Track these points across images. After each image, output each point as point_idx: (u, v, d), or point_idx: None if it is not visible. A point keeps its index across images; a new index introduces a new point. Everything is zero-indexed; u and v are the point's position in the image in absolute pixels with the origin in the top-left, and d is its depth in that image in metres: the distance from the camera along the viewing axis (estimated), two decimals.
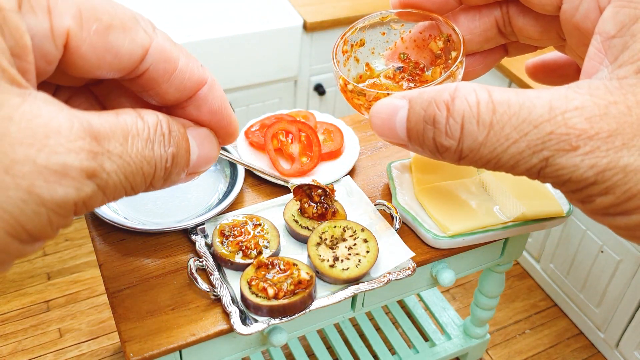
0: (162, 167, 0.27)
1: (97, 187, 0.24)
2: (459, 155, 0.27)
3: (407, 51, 0.39)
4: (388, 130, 0.29)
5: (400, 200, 0.99)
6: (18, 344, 1.54)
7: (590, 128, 0.24)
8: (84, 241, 1.84)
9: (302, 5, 1.84)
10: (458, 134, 0.26)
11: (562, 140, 0.24)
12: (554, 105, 0.25)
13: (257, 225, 0.91)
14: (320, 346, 1.41)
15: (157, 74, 0.29)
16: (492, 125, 0.25)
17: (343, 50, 0.39)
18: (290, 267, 0.84)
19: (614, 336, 1.52)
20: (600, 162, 0.24)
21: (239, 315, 0.81)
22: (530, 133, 0.25)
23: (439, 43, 0.38)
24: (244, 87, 1.81)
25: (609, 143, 0.24)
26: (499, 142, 0.25)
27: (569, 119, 0.24)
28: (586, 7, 0.29)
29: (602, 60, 0.27)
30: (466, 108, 0.26)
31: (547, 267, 1.71)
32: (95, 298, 1.68)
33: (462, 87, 0.26)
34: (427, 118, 0.27)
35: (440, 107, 0.26)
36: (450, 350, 1.43)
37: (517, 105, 0.25)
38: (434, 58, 0.39)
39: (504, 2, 0.35)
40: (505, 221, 0.96)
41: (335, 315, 0.96)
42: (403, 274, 0.88)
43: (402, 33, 0.39)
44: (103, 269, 0.89)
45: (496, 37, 0.36)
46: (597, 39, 0.27)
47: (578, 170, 0.24)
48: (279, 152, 1.05)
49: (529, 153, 0.25)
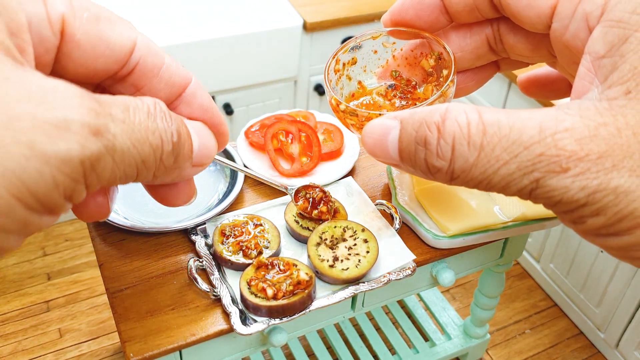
0: (169, 141, 0.26)
1: (105, 148, 0.23)
2: (451, 176, 0.27)
3: (398, 68, 0.40)
4: (380, 150, 0.29)
5: (400, 200, 0.99)
6: (18, 344, 1.54)
7: (580, 149, 0.24)
8: (84, 241, 1.84)
9: (302, 5, 1.84)
10: (449, 155, 0.26)
11: (553, 162, 0.24)
12: (544, 126, 0.25)
13: (258, 225, 0.91)
14: (320, 346, 1.41)
15: (147, 68, 0.28)
16: (482, 146, 0.25)
17: (335, 69, 0.39)
18: (289, 268, 0.84)
19: (614, 336, 1.52)
20: (591, 184, 0.24)
21: (239, 315, 0.81)
22: (520, 154, 0.25)
23: (430, 61, 0.38)
24: (244, 87, 1.81)
25: (599, 165, 0.24)
26: (489, 163, 0.25)
27: (559, 140, 0.24)
28: (575, 27, 0.29)
29: (592, 79, 0.27)
30: (457, 129, 0.26)
31: (547, 267, 1.71)
32: (95, 298, 1.68)
33: (453, 108, 0.26)
34: (419, 139, 0.27)
35: (432, 129, 0.26)
36: (450, 350, 1.44)
37: (508, 126, 0.25)
38: (426, 75, 0.39)
39: (494, 20, 0.35)
40: (505, 221, 0.96)
41: (335, 316, 0.96)
42: (403, 274, 0.88)
43: (393, 51, 0.39)
44: (103, 269, 0.89)
45: (487, 54, 0.37)
46: (586, 58, 0.27)
47: (569, 192, 0.24)
48: (279, 152, 1.05)
49: (520, 174, 0.25)
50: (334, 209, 0.93)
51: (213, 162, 1.08)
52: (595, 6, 0.27)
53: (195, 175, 0.31)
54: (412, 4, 0.35)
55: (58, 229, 1.86)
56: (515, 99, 1.68)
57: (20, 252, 1.79)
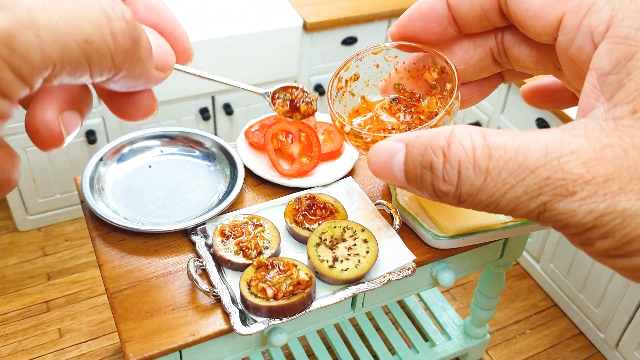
0: (119, 17, 0.23)
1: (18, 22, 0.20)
2: (458, 199, 0.27)
3: (401, 81, 0.39)
4: (386, 172, 0.29)
5: (400, 201, 0.99)
6: (18, 344, 1.54)
7: (586, 172, 0.24)
8: (84, 241, 1.84)
9: (302, 6, 1.84)
10: (455, 180, 0.26)
11: (559, 186, 0.24)
12: (550, 149, 0.25)
13: (258, 225, 0.91)
14: (320, 346, 1.41)
15: None
16: (488, 170, 0.25)
17: (338, 87, 0.39)
18: (289, 268, 0.84)
19: (614, 336, 1.52)
20: (598, 207, 0.24)
21: (238, 315, 0.81)
22: (527, 178, 0.25)
23: (433, 74, 0.38)
24: None
25: (606, 187, 0.24)
26: (496, 187, 0.25)
27: (565, 163, 0.24)
28: (581, 41, 0.28)
29: (598, 96, 0.27)
30: (462, 153, 0.26)
31: (547, 267, 1.71)
32: (95, 298, 1.68)
33: (458, 131, 0.26)
34: (425, 163, 0.27)
35: (437, 153, 0.26)
36: (450, 350, 1.44)
37: (513, 149, 0.25)
38: (429, 88, 0.39)
39: (499, 31, 0.35)
40: (505, 221, 0.96)
41: (335, 316, 0.96)
42: (403, 274, 0.88)
43: (395, 64, 0.39)
44: (103, 269, 0.89)
45: (491, 66, 0.36)
46: (592, 74, 0.27)
47: (576, 215, 0.24)
48: (279, 153, 1.05)
49: (527, 198, 0.25)
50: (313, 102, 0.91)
51: (212, 159, 1.08)
52: (601, 21, 0.27)
53: (158, 84, 0.28)
54: (420, 17, 0.35)
55: (58, 229, 1.87)
56: (515, 99, 1.68)
57: (20, 252, 1.79)
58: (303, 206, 0.94)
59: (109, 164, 1.05)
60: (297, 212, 0.94)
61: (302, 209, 0.94)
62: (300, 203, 0.94)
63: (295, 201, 0.95)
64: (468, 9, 0.33)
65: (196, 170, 1.07)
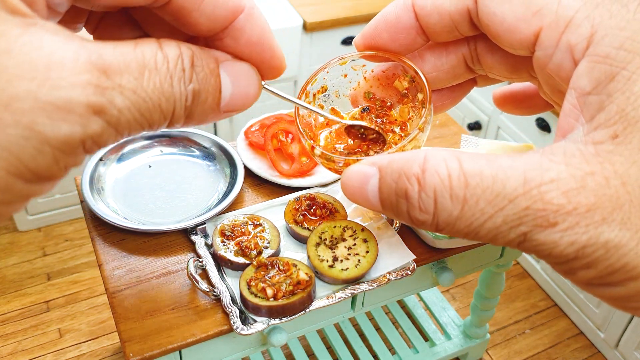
0: (182, 106, 0.25)
1: (107, 124, 0.22)
2: (436, 227, 0.26)
3: (371, 90, 0.38)
4: (361, 198, 0.28)
5: None
6: (18, 344, 1.54)
7: (567, 203, 0.23)
8: (84, 241, 1.84)
9: (302, 5, 1.84)
10: (432, 209, 0.25)
11: (540, 217, 0.23)
12: (528, 177, 0.24)
13: (258, 225, 0.91)
14: (320, 346, 1.41)
15: (185, 1, 0.27)
16: (465, 199, 0.24)
17: (307, 102, 0.38)
18: (289, 268, 0.84)
19: (614, 336, 1.52)
20: (580, 239, 0.23)
21: (238, 315, 0.81)
22: (505, 208, 0.24)
23: (403, 83, 0.37)
24: None
25: (588, 218, 0.23)
26: (474, 216, 0.24)
27: (545, 192, 0.23)
28: (560, 58, 0.27)
29: (577, 117, 0.26)
30: (437, 182, 0.25)
31: (547, 267, 1.71)
32: (95, 298, 1.68)
33: (431, 157, 0.25)
34: (399, 191, 0.26)
35: (412, 181, 0.25)
36: (450, 350, 1.43)
37: (490, 177, 0.24)
38: (400, 96, 0.37)
39: (471, 39, 0.34)
40: None
41: (335, 315, 0.96)
42: (403, 274, 0.88)
43: (364, 73, 0.38)
44: (103, 269, 0.89)
45: (464, 73, 0.35)
46: (571, 94, 0.26)
47: (558, 247, 0.24)
48: (278, 152, 1.05)
49: (506, 228, 0.24)
50: None
51: (212, 158, 1.08)
52: (580, 38, 0.26)
53: (228, 118, 0.30)
54: (387, 27, 0.34)
55: (58, 229, 1.86)
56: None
57: (20, 253, 1.79)
58: (303, 206, 0.94)
59: (109, 164, 1.05)
60: (297, 211, 0.94)
61: (302, 209, 0.94)
62: (300, 203, 0.94)
63: (295, 201, 0.95)
64: (437, 19, 0.32)
65: (196, 170, 1.07)
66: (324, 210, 0.94)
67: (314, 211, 0.93)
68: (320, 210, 0.94)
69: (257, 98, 0.30)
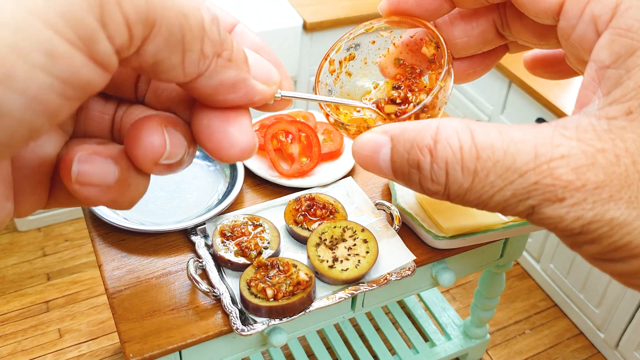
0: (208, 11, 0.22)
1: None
2: (447, 198, 0.26)
3: (401, 56, 0.38)
4: (372, 166, 0.28)
5: (400, 201, 0.99)
6: (18, 345, 1.54)
7: (576, 179, 0.23)
8: (84, 241, 1.84)
9: (302, 5, 1.84)
10: (443, 180, 0.25)
11: (548, 191, 0.24)
12: (539, 152, 0.24)
13: (258, 225, 0.91)
14: (320, 346, 1.41)
15: None
16: (476, 172, 0.25)
17: (330, 70, 0.37)
18: (289, 268, 0.84)
19: (614, 336, 1.52)
20: (586, 215, 0.24)
21: (238, 315, 0.80)
22: (515, 182, 0.24)
23: (430, 49, 0.36)
24: None
25: (595, 195, 0.23)
26: (484, 189, 0.25)
27: (554, 168, 0.24)
28: (583, 28, 0.27)
29: (595, 89, 0.26)
30: (449, 154, 0.25)
31: (547, 267, 1.71)
32: (94, 298, 1.68)
33: (444, 128, 0.25)
34: (411, 162, 0.26)
35: (424, 152, 0.26)
36: (450, 350, 1.43)
37: (502, 151, 0.24)
38: (428, 63, 0.37)
39: (501, 5, 0.34)
40: (505, 221, 0.96)
41: (335, 316, 0.96)
42: (403, 275, 0.88)
43: (392, 39, 0.38)
44: (103, 269, 0.89)
45: (495, 39, 0.35)
46: (591, 66, 0.26)
47: (563, 221, 0.24)
48: (278, 153, 1.05)
49: (515, 201, 0.24)
50: None
51: (212, 159, 1.07)
52: (604, 9, 0.26)
53: (264, 100, 0.27)
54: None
55: (58, 229, 1.86)
56: (515, 99, 1.68)
57: (20, 252, 1.79)
58: (303, 206, 0.94)
59: None
60: (297, 212, 0.94)
61: (302, 209, 0.94)
62: (300, 203, 0.94)
63: (295, 201, 0.95)
64: None
65: (196, 170, 1.07)
66: (324, 210, 0.94)
67: (314, 211, 0.93)
68: (320, 210, 0.94)
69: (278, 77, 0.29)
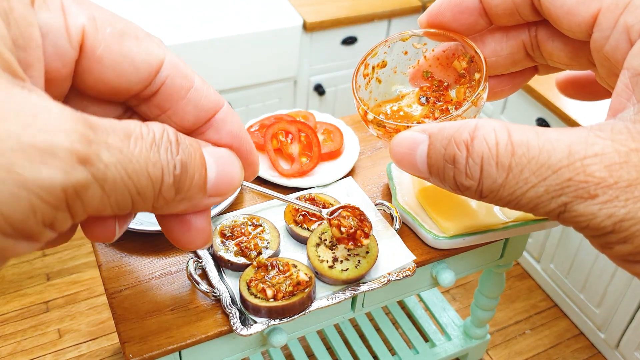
0: (170, 173, 0.25)
1: (93, 177, 0.21)
2: (480, 194, 0.27)
3: (430, 69, 0.39)
4: (408, 163, 0.29)
5: (400, 201, 0.99)
6: (17, 345, 1.54)
7: (609, 176, 0.24)
8: (84, 242, 1.84)
9: (302, 5, 1.84)
10: (478, 175, 0.26)
11: (581, 188, 0.24)
12: (574, 150, 0.24)
13: (257, 225, 0.91)
14: (320, 347, 1.41)
15: (173, 90, 0.27)
16: (510, 168, 0.25)
17: (364, 73, 0.39)
18: (289, 268, 0.84)
19: (614, 337, 1.52)
20: (619, 212, 0.24)
21: (238, 316, 0.80)
22: (548, 178, 0.24)
23: (462, 63, 0.37)
24: (244, 87, 1.81)
25: (628, 193, 0.24)
26: (517, 185, 0.25)
27: (587, 165, 0.24)
28: (616, 39, 0.28)
29: (629, 97, 0.26)
30: (485, 149, 0.25)
31: (547, 267, 1.71)
32: (94, 299, 1.68)
33: (482, 125, 0.26)
34: (447, 157, 0.27)
35: (460, 147, 0.26)
36: (450, 350, 1.43)
37: (537, 148, 0.25)
38: (458, 77, 0.38)
39: (532, 25, 0.34)
40: (506, 221, 0.96)
41: (335, 316, 0.96)
42: (403, 275, 0.88)
43: (424, 52, 0.39)
44: (102, 269, 0.89)
45: (524, 60, 0.36)
46: (625, 74, 0.27)
47: (596, 218, 0.24)
48: (278, 153, 1.05)
49: (548, 198, 0.25)
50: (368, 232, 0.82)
51: None
52: (638, 19, 0.26)
53: (213, 206, 0.29)
54: (450, 6, 0.35)
55: None
56: (515, 99, 1.68)
57: None
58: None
59: None
60: (296, 212, 0.94)
61: (302, 209, 0.93)
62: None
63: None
64: (499, 2, 0.33)
65: None
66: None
67: None
68: None
69: (240, 183, 0.31)
